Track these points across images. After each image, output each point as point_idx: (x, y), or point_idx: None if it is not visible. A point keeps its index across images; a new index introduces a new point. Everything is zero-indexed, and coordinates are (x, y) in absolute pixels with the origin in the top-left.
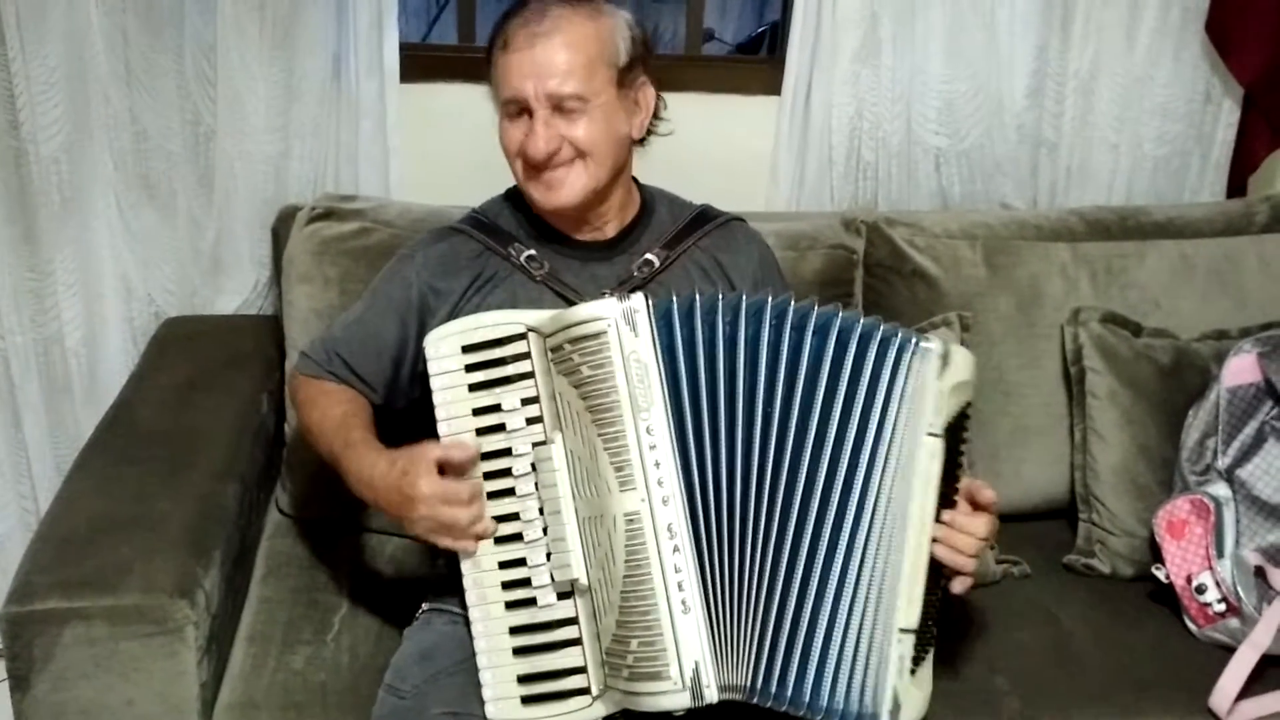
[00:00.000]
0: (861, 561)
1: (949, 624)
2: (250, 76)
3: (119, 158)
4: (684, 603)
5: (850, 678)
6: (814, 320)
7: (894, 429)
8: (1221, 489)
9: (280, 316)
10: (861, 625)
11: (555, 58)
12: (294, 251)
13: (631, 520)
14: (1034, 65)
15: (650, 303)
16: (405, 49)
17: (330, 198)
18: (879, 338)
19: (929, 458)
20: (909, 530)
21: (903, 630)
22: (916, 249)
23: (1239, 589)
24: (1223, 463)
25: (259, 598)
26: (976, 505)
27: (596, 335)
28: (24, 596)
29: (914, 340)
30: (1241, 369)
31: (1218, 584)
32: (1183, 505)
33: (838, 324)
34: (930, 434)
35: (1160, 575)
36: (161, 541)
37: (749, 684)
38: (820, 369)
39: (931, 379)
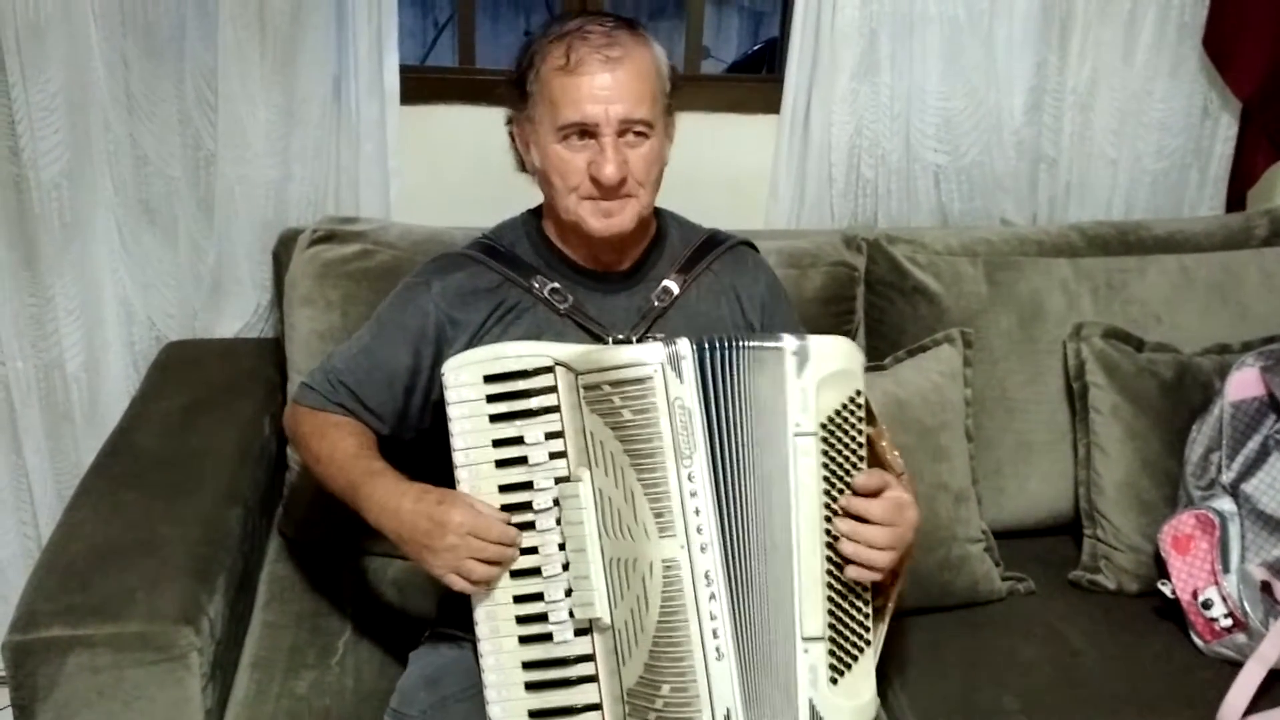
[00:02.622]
0: (763, 572)
1: (956, 644)
2: (250, 101)
3: (119, 183)
4: (718, 650)
5: (770, 690)
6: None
7: (756, 437)
8: (1226, 504)
9: (281, 339)
10: (773, 633)
11: (628, 85)
12: (296, 274)
13: (670, 567)
14: (1032, 82)
15: (694, 347)
16: (405, 71)
17: (331, 220)
18: (729, 353)
19: (801, 458)
20: (795, 534)
21: (806, 639)
22: (918, 266)
23: (1245, 604)
24: (1227, 477)
25: (262, 623)
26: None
27: (641, 380)
28: (27, 625)
29: (751, 345)
30: (1244, 383)
31: (1224, 599)
32: (1188, 520)
33: (718, 351)
34: (798, 434)
35: (1166, 591)
36: (165, 568)
37: None
38: (730, 399)
39: (789, 378)
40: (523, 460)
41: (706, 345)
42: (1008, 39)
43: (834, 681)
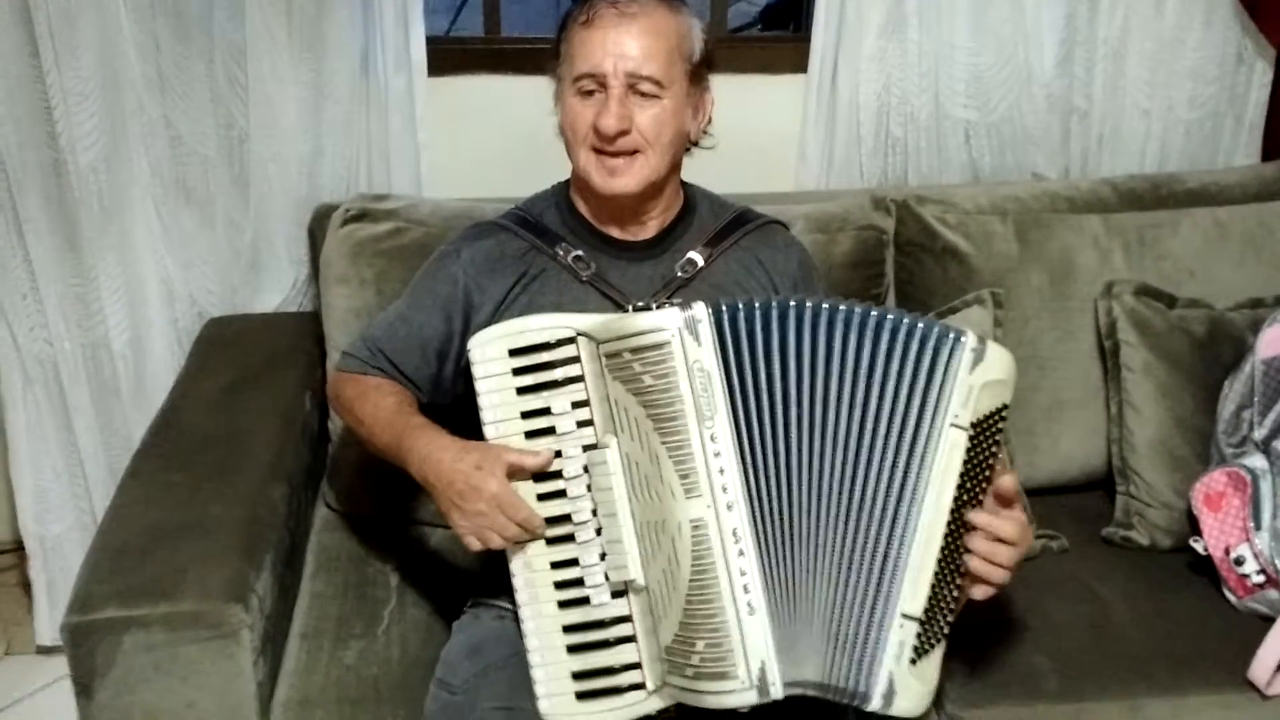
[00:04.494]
0: (865, 539)
1: (989, 604)
2: (280, 79)
3: (156, 164)
4: (750, 604)
5: (846, 652)
6: (854, 319)
7: (908, 413)
8: (1258, 461)
9: (320, 312)
10: (860, 602)
11: (639, 40)
12: (330, 254)
13: (697, 526)
14: (1062, 34)
15: (710, 311)
16: (432, 42)
17: (363, 198)
18: (912, 331)
19: (951, 449)
20: (923, 517)
21: (905, 615)
22: (947, 226)
23: (1277, 560)
24: (1259, 434)
25: (310, 594)
26: (1000, 500)
27: (660, 346)
28: (84, 606)
29: (948, 333)
30: (1276, 340)
31: (1256, 556)
32: (1219, 478)
33: (872, 321)
34: (954, 425)
35: (1198, 548)
36: (214, 546)
37: (814, 679)
38: (857, 365)
39: (961, 372)
40: (551, 430)
41: (725, 308)
42: None
43: (913, 662)
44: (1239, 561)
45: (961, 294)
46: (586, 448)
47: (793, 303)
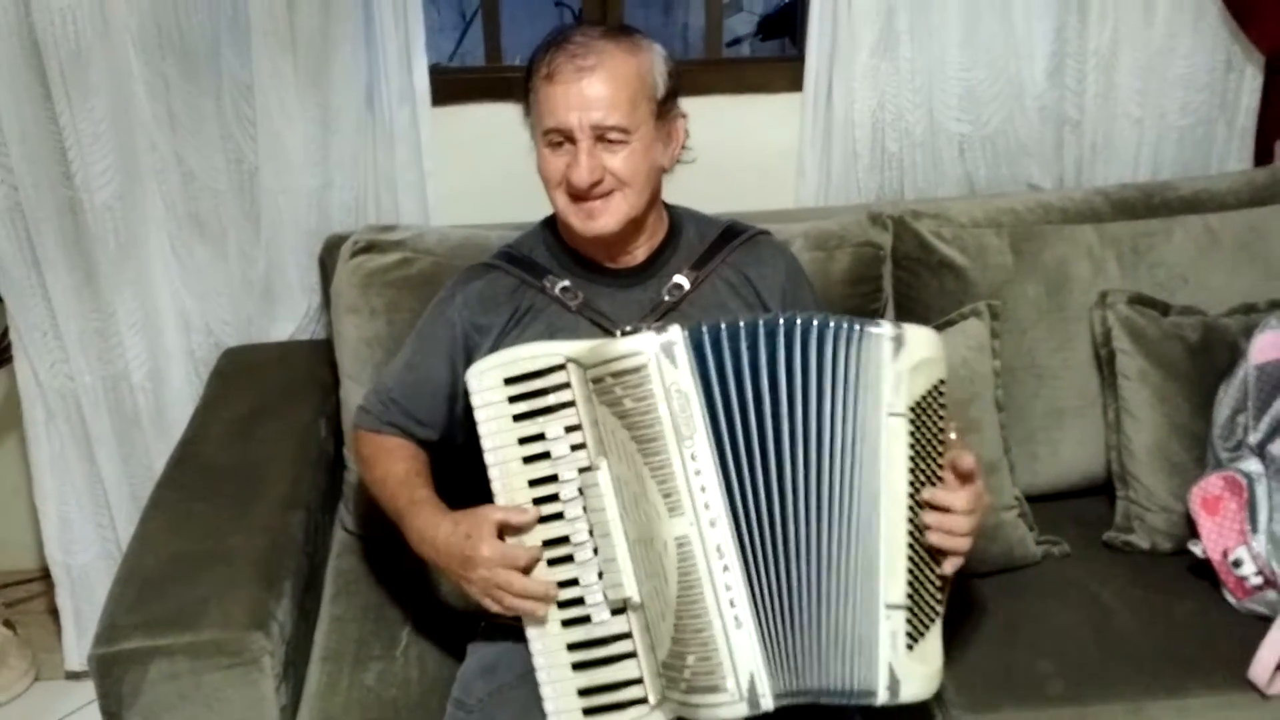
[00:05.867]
0: (836, 543)
1: (993, 610)
2: (287, 114)
3: (169, 200)
4: (736, 618)
5: (840, 655)
6: (795, 331)
7: (846, 414)
8: (1254, 465)
9: (333, 340)
10: (844, 603)
11: (600, 91)
12: (340, 285)
13: (682, 544)
14: (1052, 47)
15: (686, 333)
16: (434, 72)
17: (371, 229)
18: (825, 332)
19: (892, 437)
20: (881, 508)
21: (889, 605)
22: (943, 240)
23: (1273, 563)
24: (1253, 439)
25: (330, 617)
26: (960, 476)
27: (637, 369)
28: (110, 637)
29: (855, 327)
30: (1268, 345)
31: (1253, 558)
32: (1216, 482)
33: (798, 330)
34: (892, 414)
35: (1197, 551)
36: (235, 576)
37: (805, 687)
38: (791, 375)
39: (886, 362)
40: (546, 455)
41: (703, 329)
42: (1026, 5)
43: (910, 648)
44: (1237, 564)
45: (959, 307)
46: (581, 470)
47: (761, 320)
